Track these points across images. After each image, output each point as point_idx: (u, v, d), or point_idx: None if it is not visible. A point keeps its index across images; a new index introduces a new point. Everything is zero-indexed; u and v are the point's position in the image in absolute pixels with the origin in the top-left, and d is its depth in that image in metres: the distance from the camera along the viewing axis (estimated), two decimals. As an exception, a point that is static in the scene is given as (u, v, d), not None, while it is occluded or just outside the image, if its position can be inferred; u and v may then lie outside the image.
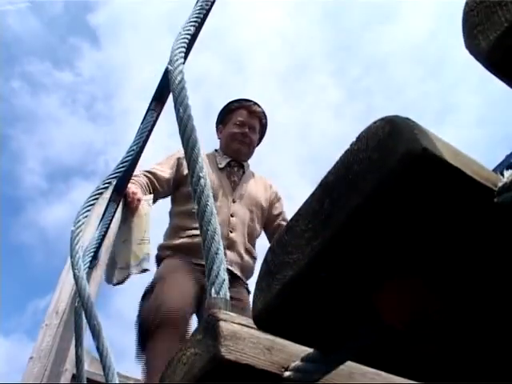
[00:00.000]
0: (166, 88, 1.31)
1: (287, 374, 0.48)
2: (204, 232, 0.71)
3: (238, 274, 2.15)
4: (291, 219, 0.40)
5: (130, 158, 1.63)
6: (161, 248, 2.25)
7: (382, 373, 0.53)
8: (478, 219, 0.33)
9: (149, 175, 2.21)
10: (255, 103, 2.44)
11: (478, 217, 0.33)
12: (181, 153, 2.30)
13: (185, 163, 2.26)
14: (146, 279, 2.04)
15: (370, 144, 0.32)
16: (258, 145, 2.53)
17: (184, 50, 1.11)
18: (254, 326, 0.49)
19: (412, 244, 0.35)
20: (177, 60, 1.07)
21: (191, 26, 1.17)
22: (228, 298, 0.62)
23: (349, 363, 0.50)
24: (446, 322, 0.41)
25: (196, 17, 1.20)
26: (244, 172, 2.41)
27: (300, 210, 0.39)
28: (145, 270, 1.79)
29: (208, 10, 1.24)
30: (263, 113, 2.46)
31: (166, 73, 1.19)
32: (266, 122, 2.49)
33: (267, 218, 2.41)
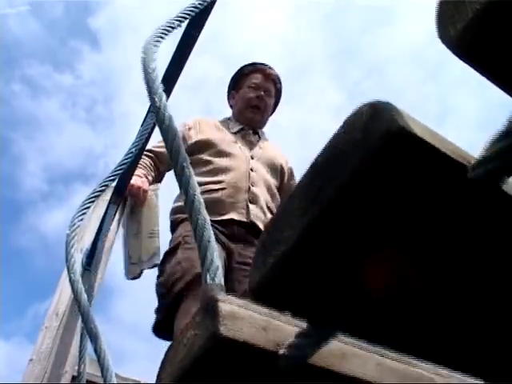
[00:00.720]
0: (166, 90, 1.34)
1: (282, 350, 0.51)
2: (194, 222, 0.72)
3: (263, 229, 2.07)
4: (285, 201, 0.43)
5: (128, 160, 1.66)
6: (174, 212, 2.15)
7: (374, 355, 0.56)
8: (453, 194, 0.36)
9: (150, 154, 2.21)
10: (270, 67, 2.38)
11: (453, 192, 0.36)
12: (184, 125, 2.25)
13: (189, 133, 2.21)
14: (147, 284, 2.05)
15: (354, 126, 0.36)
16: (272, 112, 2.48)
17: (160, 39, 1.08)
18: (252, 307, 0.52)
19: (395, 218, 0.38)
20: (150, 48, 1.05)
21: (175, 20, 1.16)
22: (222, 283, 0.65)
23: (342, 344, 0.53)
24: (428, 293, 0.44)
25: (185, 13, 1.19)
26: (260, 138, 2.35)
27: (293, 191, 0.42)
28: (155, 265, 1.82)
29: (203, 11, 1.25)
30: (278, 77, 2.40)
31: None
32: (281, 87, 2.41)
33: (280, 194, 2.31)
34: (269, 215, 2.14)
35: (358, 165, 0.34)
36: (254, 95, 2.33)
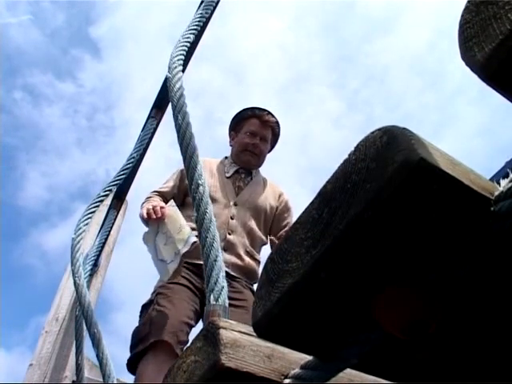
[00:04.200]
0: (166, 96, 1.32)
1: (287, 381, 0.48)
2: (203, 239, 0.71)
3: (236, 274, 2.13)
4: (290, 228, 0.40)
5: (130, 165, 1.64)
6: None
7: (382, 380, 0.53)
8: (476, 227, 0.34)
9: (158, 194, 2.28)
10: (269, 113, 2.42)
11: (475, 225, 0.33)
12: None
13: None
14: (147, 297, 2.04)
15: (367, 154, 0.33)
16: (269, 152, 2.53)
17: (183, 57, 1.12)
18: (254, 334, 0.49)
19: (411, 252, 0.35)
20: (175, 67, 1.08)
21: (190, 33, 1.19)
22: (227, 305, 0.62)
23: (348, 370, 0.50)
24: (444, 329, 0.41)
25: (196, 25, 1.21)
26: (252, 179, 2.42)
27: (299, 218, 0.39)
28: (194, 243, 1.82)
29: (208, 19, 1.25)
30: (276, 122, 2.45)
31: (166, 81, 1.21)
32: (279, 131, 2.49)
33: (272, 228, 2.39)
34: (246, 259, 2.20)
35: (373, 198, 0.31)
36: (250, 142, 2.40)
